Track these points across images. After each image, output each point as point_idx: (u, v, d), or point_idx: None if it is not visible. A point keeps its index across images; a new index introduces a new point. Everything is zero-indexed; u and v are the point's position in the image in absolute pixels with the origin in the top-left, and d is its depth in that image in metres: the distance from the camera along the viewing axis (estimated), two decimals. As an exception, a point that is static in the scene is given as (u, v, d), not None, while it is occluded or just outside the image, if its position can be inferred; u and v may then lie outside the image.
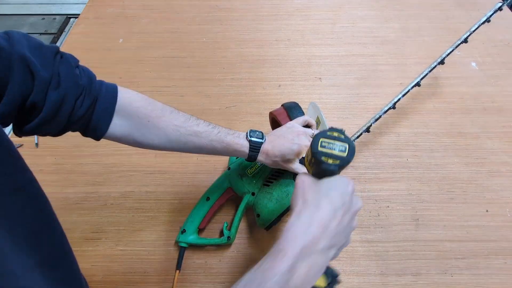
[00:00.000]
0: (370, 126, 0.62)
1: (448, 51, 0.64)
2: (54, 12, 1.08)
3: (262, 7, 1.01)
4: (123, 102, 0.41)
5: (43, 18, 1.05)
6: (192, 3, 1.02)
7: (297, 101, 0.59)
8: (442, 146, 0.70)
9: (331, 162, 0.34)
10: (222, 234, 0.57)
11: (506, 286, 0.54)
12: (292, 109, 0.57)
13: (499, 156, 0.68)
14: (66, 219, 0.61)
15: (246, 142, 0.48)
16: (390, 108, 0.63)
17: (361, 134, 0.61)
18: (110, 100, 0.40)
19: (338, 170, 0.34)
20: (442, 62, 0.64)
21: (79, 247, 0.58)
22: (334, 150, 0.34)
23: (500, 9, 0.63)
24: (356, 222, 0.35)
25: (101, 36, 0.94)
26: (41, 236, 0.33)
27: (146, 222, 0.61)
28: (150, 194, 0.64)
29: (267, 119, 0.64)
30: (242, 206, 0.57)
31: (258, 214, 0.55)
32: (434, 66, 0.64)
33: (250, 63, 0.86)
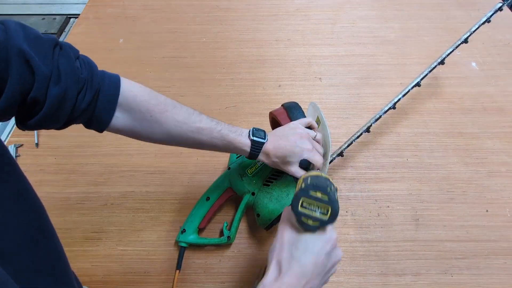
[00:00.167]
0: (370, 126, 0.62)
1: (448, 51, 0.64)
2: (54, 12, 1.08)
3: (262, 7, 1.01)
4: (126, 95, 0.40)
5: (43, 18, 1.05)
6: (192, 3, 1.02)
7: (297, 101, 0.59)
8: (442, 146, 0.70)
9: (311, 223, 0.34)
10: (222, 234, 0.57)
11: (506, 286, 0.54)
12: (292, 109, 0.57)
13: (499, 156, 0.68)
14: (67, 219, 0.61)
15: (248, 141, 0.47)
16: (390, 108, 0.63)
17: (361, 134, 0.61)
18: (112, 92, 0.39)
19: (317, 230, 0.35)
20: (442, 62, 0.64)
21: (80, 247, 0.58)
22: (315, 212, 0.34)
23: (500, 9, 0.63)
24: (335, 268, 0.38)
25: (101, 36, 0.94)
26: (35, 242, 0.33)
27: (147, 222, 0.61)
28: (150, 194, 0.64)
29: (267, 119, 0.64)
30: (242, 206, 0.57)
31: (258, 214, 0.55)
32: (434, 66, 0.64)
33: (250, 63, 0.86)
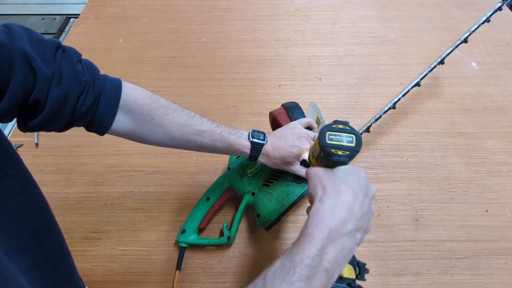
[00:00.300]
0: (370, 126, 0.62)
1: (448, 51, 0.64)
2: (54, 12, 1.08)
3: (262, 7, 1.01)
4: (127, 98, 0.41)
5: (43, 18, 1.05)
6: (192, 3, 1.02)
7: (297, 101, 0.59)
8: (442, 146, 0.70)
9: (341, 153, 0.34)
10: (222, 234, 0.57)
11: (507, 286, 0.54)
12: (292, 109, 0.57)
13: (499, 156, 0.68)
14: (67, 219, 0.61)
15: (248, 143, 0.48)
16: (390, 108, 0.63)
17: (361, 134, 0.61)
18: (114, 96, 0.40)
19: (348, 161, 0.35)
20: (442, 62, 0.64)
21: (79, 247, 0.58)
22: (342, 141, 0.35)
23: (500, 9, 0.63)
24: (373, 208, 0.36)
25: (101, 36, 0.94)
26: (40, 237, 0.33)
27: (146, 222, 0.61)
28: (150, 194, 0.64)
29: (267, 119, 0.64)
30: (242, 206, 0.57)
31: (258, 214, 0.55)
32: (434, 66, 0.64)
33: (250, 63, 0.86)
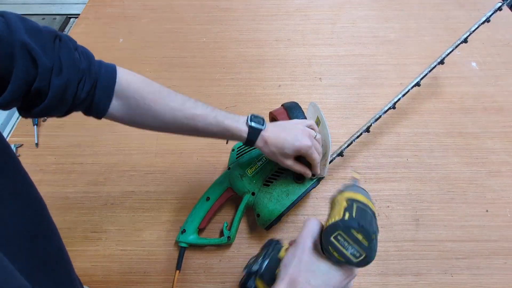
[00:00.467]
0: (370, 126, 0.62)
1: (448, 51, 0.64)
2: (54, 12, 1.07)
3: (262, 7, 1.01)
4: (122, 83, 0.42)
5: (43, 18, 1.05)
6: (192, 3, 1.02)
7: (297, 101, 0.59)
8: (442, 146, 0.70)
9: (336, 256, 0.31)
10: (222, 234, 0.57)
11: (507, 286, 0.54)
12: (292, 109, 0.57)
13: (500, 156, 0.68)
14: (66, 219, 0.61)
15: (245, 127, 0.47)
16: (390, 108, 0.63)
17: (361, 134, 0.61)
18: (109, 81, 0.41)
19: (338, 266, 0.33)
20: (442, 62, 0.64)
21: (79, 247, 0.58)
22: (347, 250, 0.31)
23: (500, 9, 0.63)
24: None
25: (101, 36, 0.94)
26: (37, 239, 0.33)
27: (146, 222, 0.61)
28: (150, 194, 0.64)
29: (267, 119, 0.64)
30: (242, 206, 0.57)
31: (258, 214, 0.55)
32: (434, 66, 0.64)
33: (250, 63, 0.86)
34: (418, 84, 0.64)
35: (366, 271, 0.56)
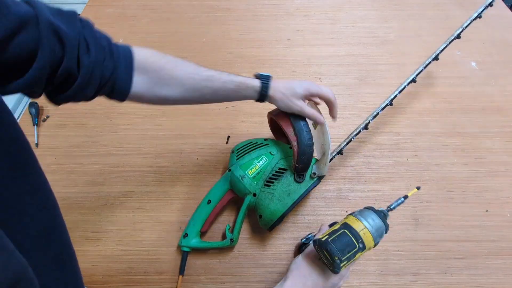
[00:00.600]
0: (368, 123, 0.62)
1: (441, 47, 0.65)
2: (54, 12, 1.08)
3: (262, 7, 1.01)
4: (139, 58, 0.43)
5: (43, 18, 1.06)
6: (192, 3, 1.02)
7: (297, 101, 0.59)
8: (442, 146, 0.70)
9: (323, 260, 0.43)
10: (224, 237, 0.57)
11: (506, 286, 0.55)
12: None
13: (499, 155, 0.68)
14: (67, 219, 0.60)
15: (256, 80, 0.51)
16: (387, 104, 0.63)
17: (359, 132, 0.61)
18: (128, 59, 0.42)
19: (338, 272, 0.41)
20: (436, 58, 0.65)
21: (80, 247, 0.58)
22: (323, 259, 0.42)
23: (490, 4, 0.64)
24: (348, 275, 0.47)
25: (101, 36, 0.94)
26: (52, 235, 0.34)
27: (147, 222, 0.61)
28: (150, 194, 0.64)
29: (267, 119, 0.64)
30: (243, 207, 0.56)
31: (260, 215, 0.55)
32: (429, 62, 0.65)
33: (250, 63, 0.86)
34: (414, 80, 0.64)
35: (365, 271, 0.56)
